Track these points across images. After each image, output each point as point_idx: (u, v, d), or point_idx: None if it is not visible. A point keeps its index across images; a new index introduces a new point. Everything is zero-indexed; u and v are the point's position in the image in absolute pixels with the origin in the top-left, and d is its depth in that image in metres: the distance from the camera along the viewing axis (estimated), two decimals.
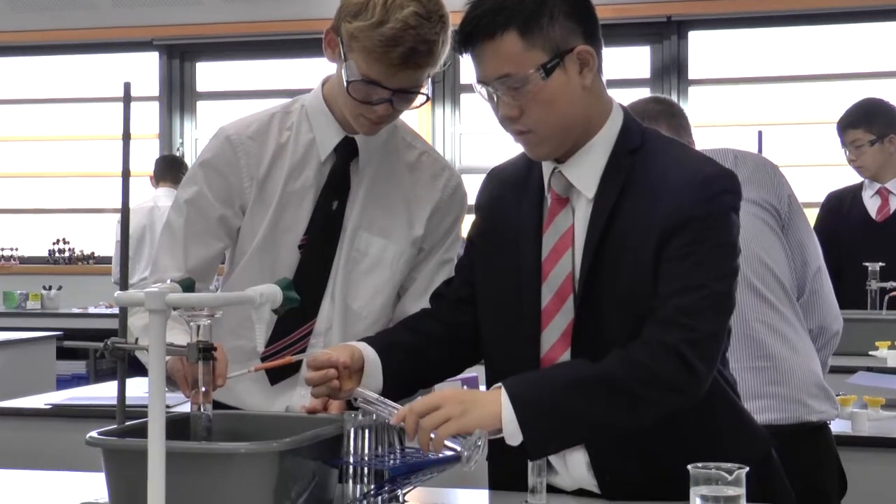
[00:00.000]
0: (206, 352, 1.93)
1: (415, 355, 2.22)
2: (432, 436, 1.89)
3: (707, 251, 1.98)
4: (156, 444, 1.51)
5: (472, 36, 2.04)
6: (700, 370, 1.96)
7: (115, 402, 2.13)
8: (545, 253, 2.10)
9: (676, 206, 1.99)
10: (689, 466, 1.68)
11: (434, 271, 2.52)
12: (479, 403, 1.92)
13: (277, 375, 2.47)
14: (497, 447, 2.04)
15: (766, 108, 8.11)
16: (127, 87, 2.26)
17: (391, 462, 1.96)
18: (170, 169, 7.45)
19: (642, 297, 1.99)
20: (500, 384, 1.96)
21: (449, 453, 1.96)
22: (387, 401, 1.99)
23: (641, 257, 2.00)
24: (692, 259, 1.98)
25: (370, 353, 2.17)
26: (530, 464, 2.00)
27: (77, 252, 9.20)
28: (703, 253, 1.98)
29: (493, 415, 1.91)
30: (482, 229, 2.25)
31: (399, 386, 2.16)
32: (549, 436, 1.94)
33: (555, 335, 2.07)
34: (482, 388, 2.38)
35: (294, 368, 2.44)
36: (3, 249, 9.19)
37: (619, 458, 2.07)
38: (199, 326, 1.92)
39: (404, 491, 2.02)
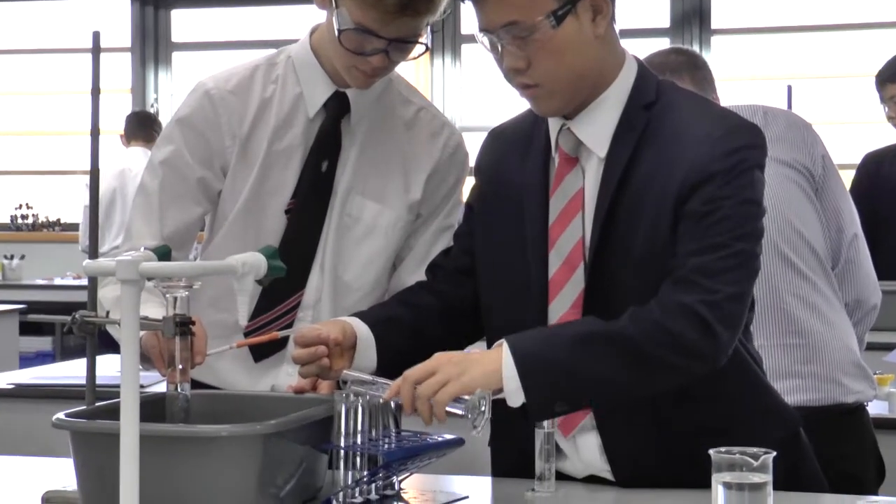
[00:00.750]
0: (183, 326, 1.93)
1: (411, 332, 2.22)
2: (432, 404, 1.90)
3: (729, 208, 1.98)
4: (129, 427, 1.50)
5: None
6: (720, 334, 1.96)
7: (83, 381, 2.13)
8: (553, 218, 2.11)
9: (696, 161, 2.00)
10: (710, 451, 1.69)
11: (433, 239, 2.52)
12: (478, 362, 1.94)
13: (262, 352, 2.47)
14: (500, 428, 2.05)
15: (796, 60, 8.09)
16: (96, 36, 2.24)
17: (386, 446, 1.96)
18: (142, 127, 7.45)
19: (659, 263, 2.00)
20: (501, 340, 1.96)
21: (449, 437, 1.98)
22: (379, 379, 2.00)
23: (658, 219, 2.01)
24: (713, 217, 1.98)
25: (363, 330, 2.18)
26: (538, 448, 2.01)
27: (42, 218, 9.20)
28: (724, 210, 1.98)
29: (493, 372, 1.92)
30: (483, 193, 2.25)
31: (394, 364, 2.13)
32: (553, 394, 1.94)
33: (564, 307, 2.08)
34: None
35: (280, 345, 2.44)
36: None
37: (633, 440, 2.08)
38: (175, 298, 1.92)
39: (400, 478, 2.03)
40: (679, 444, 2.05)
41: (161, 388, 2.08)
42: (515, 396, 1.93)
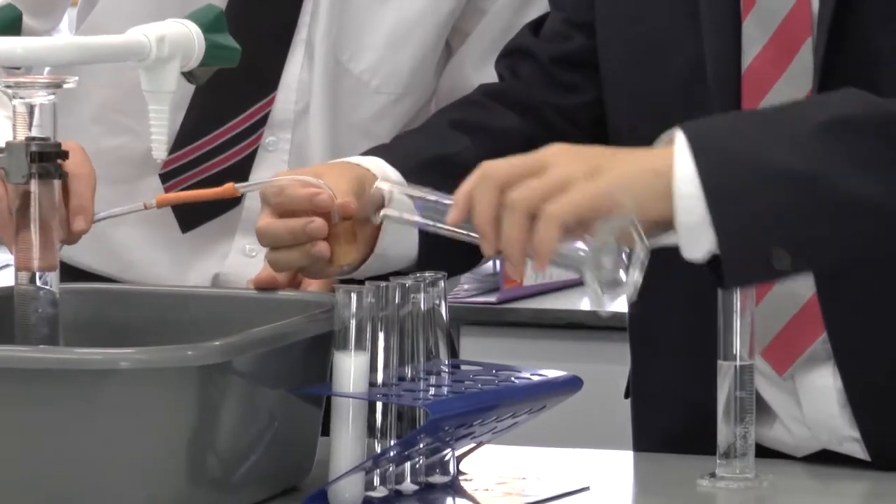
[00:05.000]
0: (47, 161, 1.93)
1: None
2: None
3: None
4: None
5: None
6: None
7: None
8: None
9: None
10: None
11: (517, 3, 2.55)
12: (627, 159, 1.92)
13: (196, 215, 2.49)
14: (647, 363, 2.14)
15: None
16: None
17: (432, 392, 1.96)
18: None
19: None
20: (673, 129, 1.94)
21: (553, 374, 1.96)
22: (431, 195, 1.98)
23: None
24: None
25: (392, 182, 2.15)
26: (722, 400, 1.99)
27: None
28: None
29: (655, 176, 1.89)
30: None
31: (442, 244, 2.09)
32: (771, 229, 1.89)
33: None
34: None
35: (230, 202, 2.42)
36: None
37: None
38: (31, 108, 1.93)
39: (459, 451, 2.04)
40: None
41: (8, 279, 2.06)
42: (696, 235, 1.89)
